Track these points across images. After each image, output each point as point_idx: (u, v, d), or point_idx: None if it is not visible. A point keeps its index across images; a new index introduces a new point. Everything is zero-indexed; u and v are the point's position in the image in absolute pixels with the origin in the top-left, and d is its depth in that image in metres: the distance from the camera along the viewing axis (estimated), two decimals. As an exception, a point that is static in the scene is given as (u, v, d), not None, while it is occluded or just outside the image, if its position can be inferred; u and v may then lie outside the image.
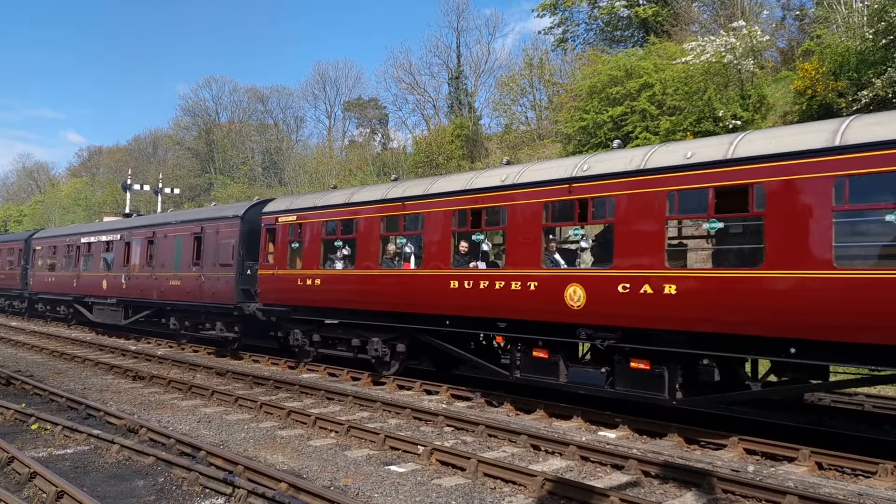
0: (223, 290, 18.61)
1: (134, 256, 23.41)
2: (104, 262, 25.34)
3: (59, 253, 29.00)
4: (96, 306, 25.64)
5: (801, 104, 22.78)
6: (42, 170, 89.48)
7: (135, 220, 25.85)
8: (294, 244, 16.58)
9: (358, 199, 15.25)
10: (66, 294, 27.85)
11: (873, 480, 7.99)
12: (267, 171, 55.34)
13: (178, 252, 20.91)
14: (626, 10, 36.99)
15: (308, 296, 15.88)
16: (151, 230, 22.86)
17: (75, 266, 27.38)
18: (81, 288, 26.62)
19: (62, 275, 28.35)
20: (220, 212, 20.32)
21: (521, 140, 38.08)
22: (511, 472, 7.94)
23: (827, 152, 8.26)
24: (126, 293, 23.51)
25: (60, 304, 29.22)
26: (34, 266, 31.18)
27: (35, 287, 30.82)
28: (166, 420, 11.07)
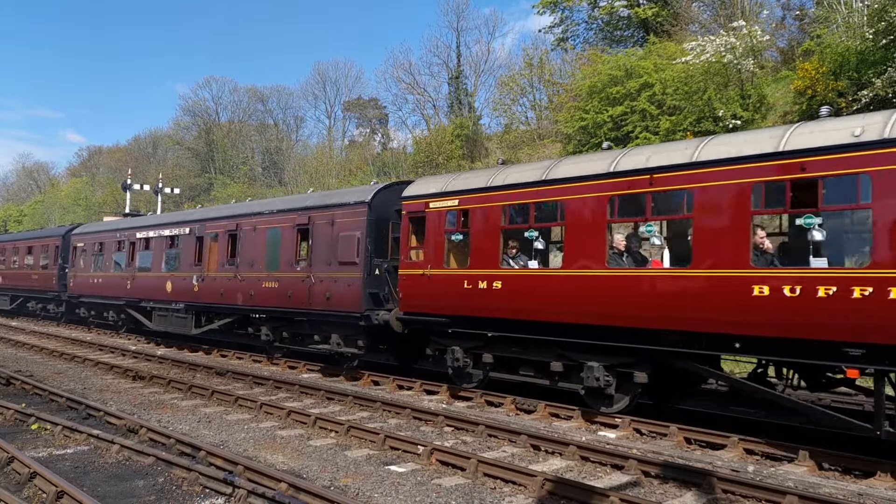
0: (344, 294, 15.11)
1: (210, 253, 19.76)
2: (168, 261, 21.83)
3: (108, 250, 25.40)
4: (157, 312, 22.05)
5: (801, 104, 22.77)
6: (42, 170, 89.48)
7: (209, 210, 22.54)
8: (455, 236, 13.20)
9: (563, 174, 11.51)
10: (117, 298, 24.43)
11: (873, 480, 7.99)
12: (267, 171, 55.34)
13: (273, 248, 17.40)
14: (626, 9, 36.98)
15: (478, 302, 12.32)
16: (234, 222, 19.04)
17: (129, 265, 23.88)
18: (137, 291, 23.22)
19: (112, 276, 24.83)
20: (336, 197, 16.50)
21: (521, 140, 38.07)
22: (511, 472, 7.94)
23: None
24: (198, 297, 19.88)
25: (109, 310, 25.63)
26: (75, 265, 27.47)
27: (76, 289, 27.25)
28: (166, 420, 11.07)
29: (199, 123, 60.91)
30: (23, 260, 33.10)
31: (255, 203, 20.95)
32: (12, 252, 34.76)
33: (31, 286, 31.88)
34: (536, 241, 12.03)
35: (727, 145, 9.73)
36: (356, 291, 14.84)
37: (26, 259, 32.76)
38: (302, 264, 16.57)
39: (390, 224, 15.06)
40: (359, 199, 15.51)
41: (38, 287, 31.08)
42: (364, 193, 15.59)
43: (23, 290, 32.89)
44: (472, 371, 13.01)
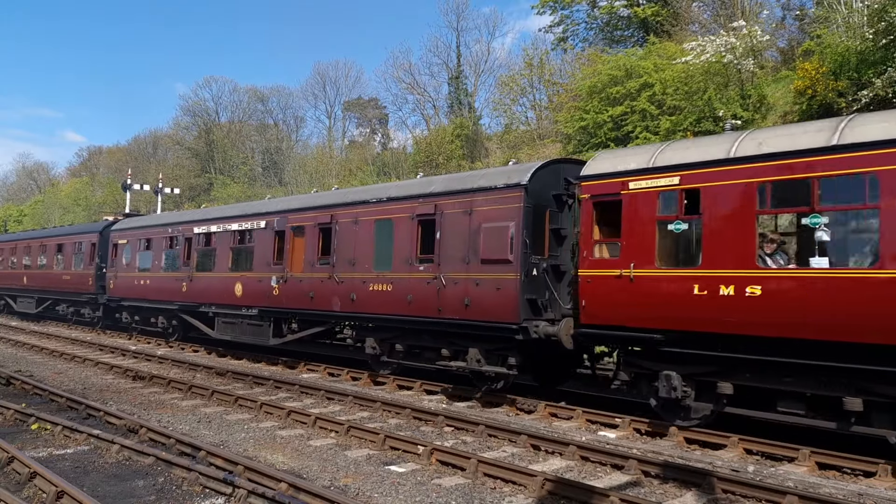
0: (491, 300, 12.15)
1: (294, 251, 16.86)
2: (237, 260, 18.82)
3: (157, 247, 22.41)
4: (222, 319, 19.12)
5: (801, 104, 22.77)
6: (42, 170, 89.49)
7: (291, 200, 19.05)
8: (675, 226, 10.02)
9: (875, 135, 8.33)
10: (169, 301, 21.40)
11: (873, 480, 7.99)
12: (267, 171, 55.33)
13: (384, 243, 14.51)
14: (626, 9, 36.99)
15: (716, 314, 9.27)
16: (328, 213, 16.00)
17: (185, 265, 20.86)
18: (195, 294, 20.15)
19: (163, 276, 21.81)
20: (476, 180, 13.27)
21: (521, 140, 38.09)
22: (511, 471, 7.94)
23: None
24: (278, 301, 17.05)
25: (157, 315, 22.67)
26: (115, 265, 24.59)
27: (116, 291, 24.45)
28: (166, 420, 11.08)
29: (199, 123, 60.87)
30: (52, 259, 29.85)
31: (357, 190, 17.52)
32: (39, 251, 31.54)
33: (61, 288, 28.58)
34: (820, 230, 8.93)
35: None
36: (510, 297, 11.83)
37: (56, 258, 29.52)
38: (426, 263, 13.53)
39: (547, 212, 12.30)
40: (512, 180, 12.31)
41: (71, 289, 27.90)
42: (518, 174, 12.40)
43: (52, 292, 29.61)
44: (693, 404, 9.96)
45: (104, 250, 25.93)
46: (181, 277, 20.83)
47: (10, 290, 34.27)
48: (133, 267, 23.56)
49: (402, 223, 14.18)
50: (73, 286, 27.70)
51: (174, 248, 21.63)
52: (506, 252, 11.98)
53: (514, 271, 11.87)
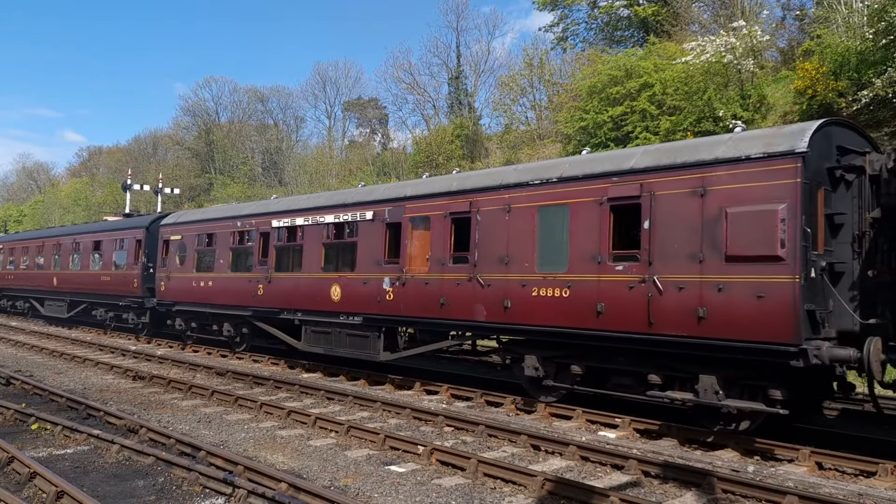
0: (750, 311, 9.05)
1: (414, 246, 14.01)
2: (332, 257, 16.12)
3: (222, 244, 19.43)
4: (311, 328, 16.28)
5: (801, 104, 22.79)
6: (42, 170, 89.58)
7: (406, 186, 15.53)
8: None
9: None
10: (238, 306, 18.52)
11: (873, 480, 7.99)
12: (267, 171, 55.35)
13: (552, 236, 11.48)
14: (626, 9, 37.01)
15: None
16: (465, 200, 12.94)
17: (260, 263, 17.93)
18: (274, 298, 17.30)
19: (230, 277, 18.94)
20: (713, 149, 9.97)
21: (521, 140, 38.10)
22: (511, 472, 7.94)
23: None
24: (393, 308, 14.12)
25: (222, 322, 19.62)
26: (167, 264, 21.81)
27: (169, 294, 21.46)
28: (166, 420, 11.08)
29: (199, 123, 60.92)
30: (87, 258, 26.73)
31: (504, 171, 13.36)
32: (71, 249, 28.17)
33: (99, 290, 25.53)
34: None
35: None
36: (782, 307, 8.76)
37: (92, 257, 26.43)
38: (626, 262, 10.51)
39: (820, 192, 9.36)
40: (778, 146, 9.19)
41: (110, 291, 24.86)
42: (788, 138, 9.24)
43: (87, 294, 26.46)
44: None
45: (152, 248, 22.96)
46: (256, 279, 17.81)
47: (36, 293, 31.20)
48: (190, 266, 20.57)
49: (583, 210, 11.10)
50: (113, 288, 24.67)
51: (245, 244, 18.56)
52: (772, 246, 8.89)
53: (789, 272, 8.73)
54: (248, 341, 19.43)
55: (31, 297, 31.84)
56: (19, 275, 33.18)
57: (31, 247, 32.43)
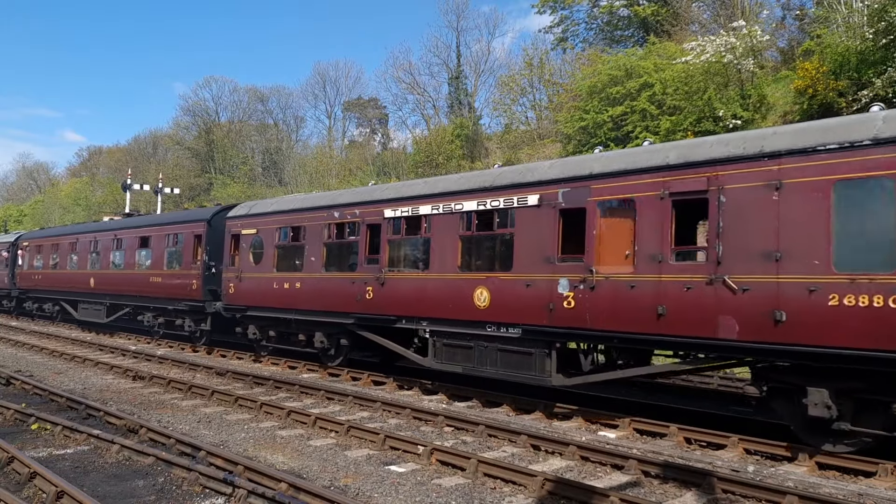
0: None
1: (608, 238, 10.74)
2: (474, 253, 13.06)
3: (314, 239, 16.29)
4: (444, 341, 13.02)
5: (801, 104, 22.79)
6: (42, 170, 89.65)
7: (600, 160, 11.42)
8: None
9: None
10: (337, 312, 15.40)
11: (873, 480, 7.99)
12: (267, 171, 55.37)
13: (861, 222, 8.41)
14: (626, 9, 37.03)
15: None
16: (700, 175, 9.76)
17: (368, 261, 14.90)
18: (388, 302, 14.24)
19: (325, 278, 15.80)
20: None
21: (521, 140, 38.11)
22: (511, 472, 7.94)
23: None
24: (574, 318, 10.86)
25: (314, 330, 16.42)
26: (239, 263, 18.45)
27: (240, 298, 18.24)
28: (166, 420, 11.07)
29: (199, 123, 60.94)
30: (132, 256, 23.85)
31: (764, 135, 9.69)
32: (112, 246, 25.11)
33: (147, 292, 22.61)
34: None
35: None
36: None
37: (138, 255, 23.61)
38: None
39: None
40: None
41: (162, 294, 21.85)
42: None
43: (131, 297, 23.57)
44: None
45: (214, 244, 19.83)
46: (362, 280, 14.74)
47: (69, 295, 27.85)
48: (268, 265, 17.46)
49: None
50: (165, 291, 21.57)
51: (346, 238, 15.60)
52: None
53: None
54: (345, 354, 16.18)
55: (63, 299, 28.53)
56: (48, 275, 29.74)
57: (63, 244, 28.91)
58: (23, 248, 32.50)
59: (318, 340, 16.26)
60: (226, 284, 18.81)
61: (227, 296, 18.71)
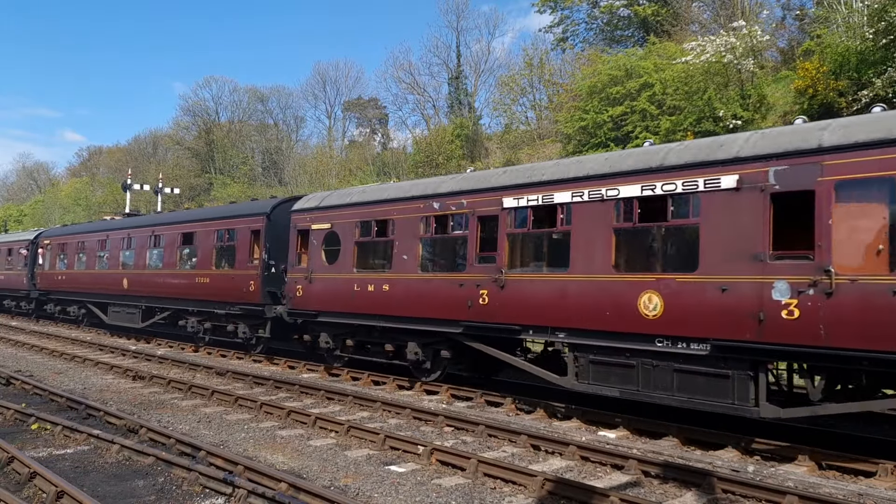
0: None
1: (850, 230, 8.38)
2: (631, 250, 10.90)
3: (403, 234, 14.05)
4: (588, 357, 10.81)
5: (801, 103, 22.80)
6: (42, 169, 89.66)
7: (824, 128, 8.99)
8: None
9: None
10: (438, 320, 13.12)
11: (873, 480, 7.99)
12: (267, 171, 55.37)
13: None
14: (626, 9, 37.05)
15: None
16: None
17: (481, 259, 12.59)
18: (511, 309, 11.91)
19: (419, 279, 13.67)
20: None
21: (521, 140, 38.13)
22: (511, 471, 7.94)
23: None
24: (798, 333, 8.55)
25: (407, 340, 14.04)
26: (310, 262, 16.17)
27: (310, 301, 16.03)
28: (166, 420, 11.07)
29: (199, 123, 60.94)
30: (172, 255, 21.47)
31: None
32: (149, 243, 22.68)
33: (192, 294, 20.31)
34: None
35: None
36: None
37: (180, 254, 21.30)
38: None
39: None
40: None
41: (209, 296, 19.53)
42: None
43: (172, 299, 21.33)
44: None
45: (275, 240, 17.62)
46: (473, 282, 12.35)
47: (97, 297, 25.57)
48: (346, 264, 15.15)
49: None
50: (214, 293, 19.27)
51: (449, 232, 13.29)
52: None
53: None
54: (444, 368, 13.83)
55: (90, 302, 26.25)
56: (74, 275, 27.32)
57: (91, 242, 26.45)
58: (44, 246, 29.89)
59: (412, 352, 13.79)
60: (291, 286, 16.48)
61: (294, 299, 16.36)
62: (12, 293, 33.39)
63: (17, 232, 41.84)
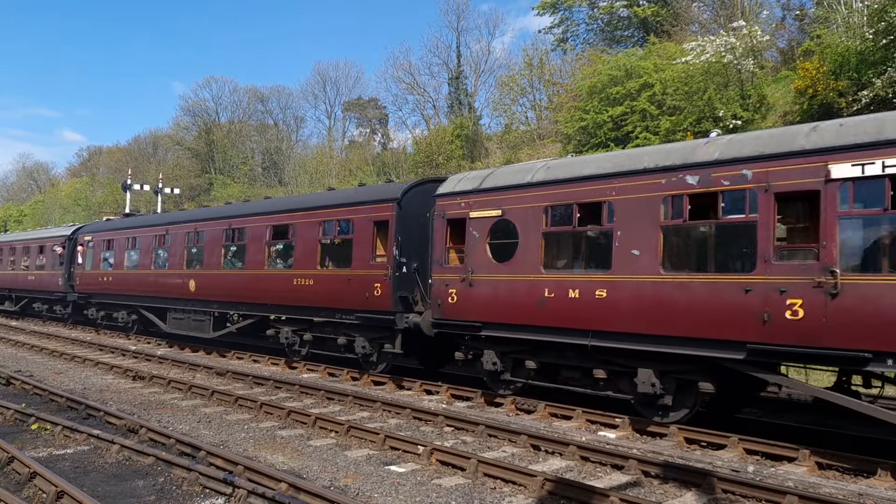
0: None
1: None
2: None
3: (631, 220, 10.50)
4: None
5: (801, 104, 22.80)
6: (42, 170, 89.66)
7: None
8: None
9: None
10: (691, 340, 9.59)
11: (873, 480, 7.99)
12: (267, 171, 55.37)
13: None
14: (626, 9, 37.06)
15: None
16: None
17: (778, 256, 9.02)
18: (855, 326, 8.14)
19: (672, 283, 9.94)
20: None
21: (521, 140, 38.13)
22: (511, 472, 7.93)
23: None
24: None
25: (637, 364, 10.46)
26: (470, 260, 12.72)
27: (471, 311, 12.58)
28: (166, 420, 11.07)
29: (199, 123, 60.95)
30: (258, 252, 17.81)
31: None
32: (223, 239, 19.23)
33: (288, 299, 16.73)
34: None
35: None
36: None
37: (271, 250, 17.78)
38: None
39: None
40: None
41: (312, 301, 16.00)
42: None
43: (256, 305, 17.94)
44: None
45: (407, 234, 14.20)
46: (775, 286, 8.80)
47: (153, 301, 22.24)
48: (528, 262, 11.71)
49: None
50: (319, 297, 15.78)
51: (718, 216, 9.68)
52: None
53: None
54: (694, 406, 10.19)
55: (144, 306, 22.88)
56: (123, 276, 23.96)
57: (145, 238, 23.16)
58: (84, 243, 26.55)
59: (646, 382, 10.24)
60: (440, 291, 13.04)
61: (445, 306, 12.88)
62: (44, 296, 29.66)
63: (46, 228, 37.35)
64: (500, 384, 12.60)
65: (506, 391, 12.49)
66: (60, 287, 27.67)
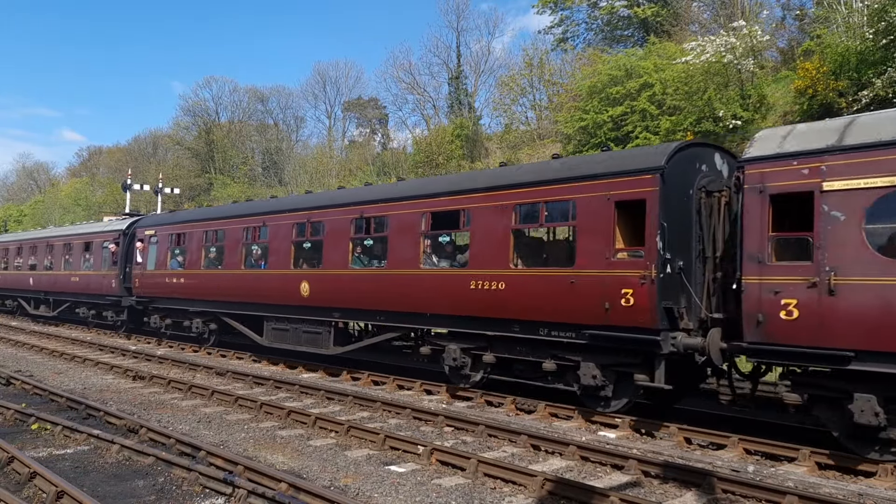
0: None
1: None
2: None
3: None
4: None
5: (801, 104, 22.80)
6: (42, 170, 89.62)
7: None
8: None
9: None
10: None
11: (873, 480, 7.99)
12: (267, 171, 55.35)
13: None
14: (626, 9, 37.06)
15: None
16: None
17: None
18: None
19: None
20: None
21: (521, 140, 38.13)
22: (511, 472, 7.94)
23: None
24: None
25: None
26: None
27: (836, 335, 8.17)
28: (166, 420, 11.07)
29: (199, 123, 60.89)
30: (407, 246, 13.76)
31: None
32: (350, 229, 15.09)
33: (450, 307, 12.88)
34: None
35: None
36: None
37: (425, 241, 13.74)
38: None
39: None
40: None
41: (493, 309, 12.02)
42: None
43: (403, 315, 13.89)
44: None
45: (674, 219, 10.11)
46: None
47: (243, 308, 18.22)
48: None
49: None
50: (502, 306, 11.86)
51: None
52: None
53: None
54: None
55: (229, 314, 18.98)
56: (200, 277, 19.88)
57: (232, 231, 18.85)
58: (144, 238, 22.48)
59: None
60: (760, 300, 8.77)
61: (772, 323, 8.65)
62: (93, 300, 25.42)
63: (92, 223, 32.21)
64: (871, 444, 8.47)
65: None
66: (114, 290, 23.63)
